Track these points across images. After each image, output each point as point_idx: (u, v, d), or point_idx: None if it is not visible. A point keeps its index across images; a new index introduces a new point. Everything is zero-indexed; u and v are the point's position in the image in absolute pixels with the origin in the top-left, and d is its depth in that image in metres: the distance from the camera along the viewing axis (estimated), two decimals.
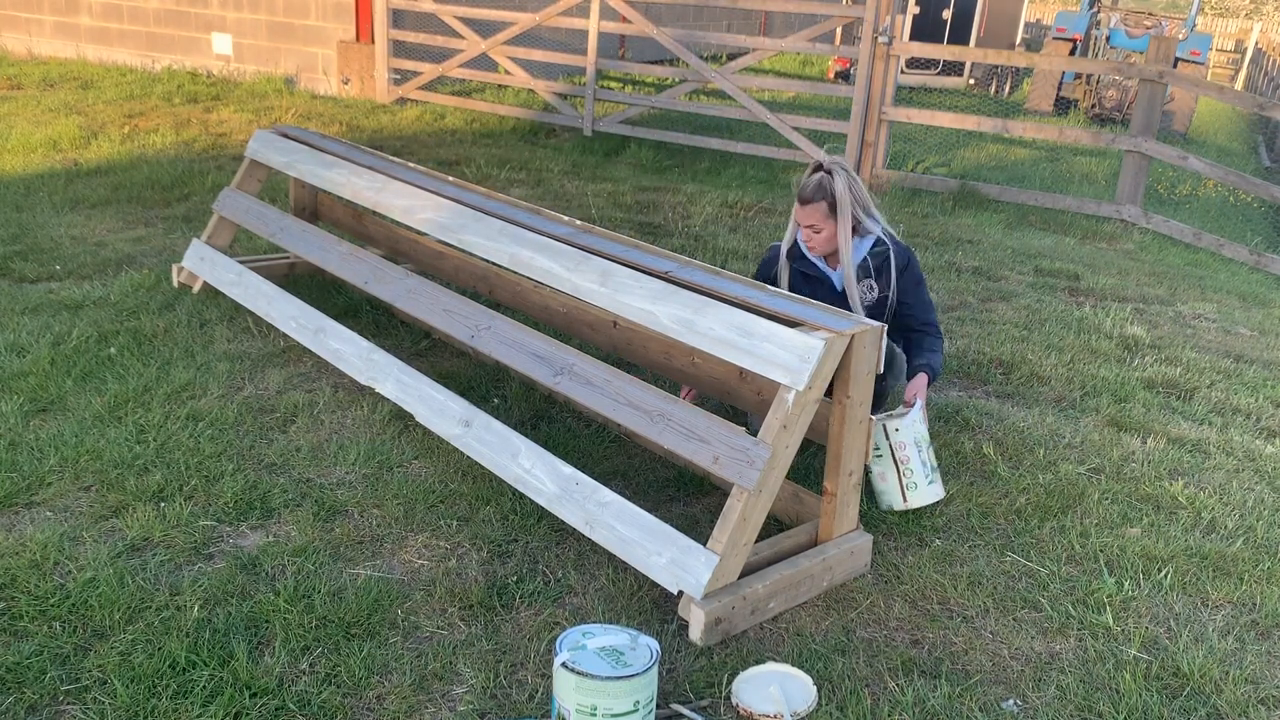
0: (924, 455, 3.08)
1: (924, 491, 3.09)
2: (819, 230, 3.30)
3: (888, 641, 2.59)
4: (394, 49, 9.92)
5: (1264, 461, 3.68)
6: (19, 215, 5.77)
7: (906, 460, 3.06)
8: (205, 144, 7.87)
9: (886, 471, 3.09)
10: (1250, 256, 7.12)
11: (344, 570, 2.72)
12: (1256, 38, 24.98)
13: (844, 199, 3.24)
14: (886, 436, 3.07)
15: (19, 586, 2.54)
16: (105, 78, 10.44)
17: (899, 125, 10.30)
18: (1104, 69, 8.07)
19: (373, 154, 4.46)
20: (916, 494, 3.08)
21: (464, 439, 3.14)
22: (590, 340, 3.66)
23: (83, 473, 3.09)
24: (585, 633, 2.21)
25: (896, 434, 3.07)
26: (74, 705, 2.19)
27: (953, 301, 5.33)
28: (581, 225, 3.44)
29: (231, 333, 4.22)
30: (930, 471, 3.10)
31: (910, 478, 3.07)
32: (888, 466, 3.09)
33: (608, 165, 8.30)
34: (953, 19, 15.46)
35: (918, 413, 3.13)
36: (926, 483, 3.09)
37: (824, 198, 3.25)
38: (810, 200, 3.27)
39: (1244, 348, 4.98)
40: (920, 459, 3.07)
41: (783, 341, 2.56)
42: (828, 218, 3.27)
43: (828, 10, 7.97)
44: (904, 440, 3.07)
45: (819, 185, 3.26)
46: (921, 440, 3.09)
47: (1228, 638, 2.67)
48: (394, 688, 2.30)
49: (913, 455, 3.07)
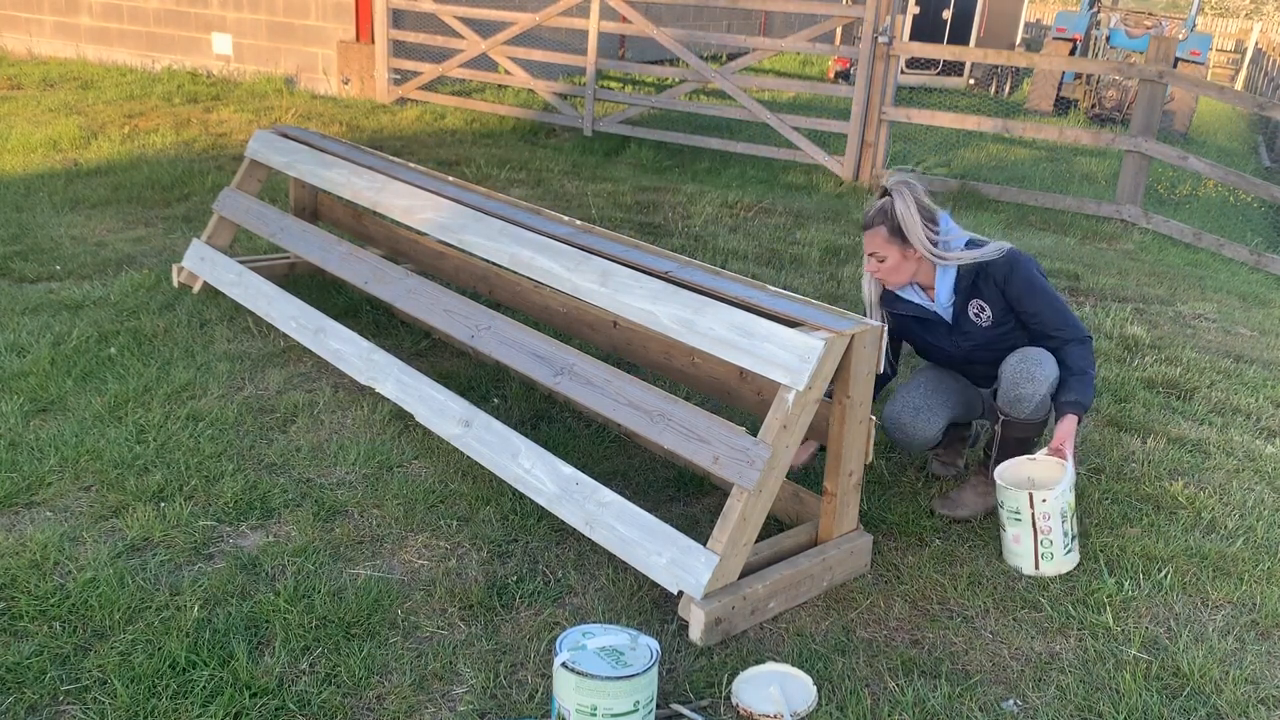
0: (1067, 525, 2.83)
1: (1060, 561, 2.85)
2: (882, 258, 3.00)
3: (888, 641, 2.59)
4: (394, 49, 9.92)
5: (1264, 461, 3.68)
6: (19, 215, 5.77)
7: (1048, 531, 2.82)
8: (205, 144, 7.87)
9: (1023, 535, 2.85)
10: (1250, 256, 7.12)
11: (344, 570, 2.72)
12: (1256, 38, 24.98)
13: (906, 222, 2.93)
14: (1031, 505, 2.82)
15: (19, 586, 2.54)
16: (105, 78, 10.44)
17: (899, 125, 10.31)
18: (1104, 69, 8.07)
19: (373, 154, 4.46)
20: (1051, 564, 2.85)
21: (464, 439, 3.14)
22: (590, 340, 3.66)
23: (83, 473, 3.09)
24: (585, 633, 2.21)
25: (1043, 504, 2.80)
26: (74, 705, 2.19)
27: None
28: (581, 225, 3.44)
29: (231, 333, 4.22)
30: (1069, 541, 2.84)
31: (1048, 548, 2.83)
32: (1025, 531, 2.84)
33: (608, 165, 8.30)
34: (953, 19, 15.46)
35: (1069, 480, 2.83)
36: (1064, 552, 2.85)
37: (884, 221, 2.96)
38: (870, 226, 2.98)
39: (1244, 348, 4.98)
40: (1063, 529, 2.82)
41: (783, 341, 2.56)
42: (889, 243, 2.97)
43: (828, 10, 7.97)
44: (1050, 511, 2.81)
45: (880, 209, 2.98)
46: (1069, 509, 2.83)
47: (1228, 638, 2.67)
48: (394, 688, 2.30)
49: (1055, 526, 2.81)
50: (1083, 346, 2.99)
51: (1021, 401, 2.97)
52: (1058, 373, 2.97)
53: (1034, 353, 2.99)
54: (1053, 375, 2.96)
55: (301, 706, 2.22)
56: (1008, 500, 2.86)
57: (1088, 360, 2.97)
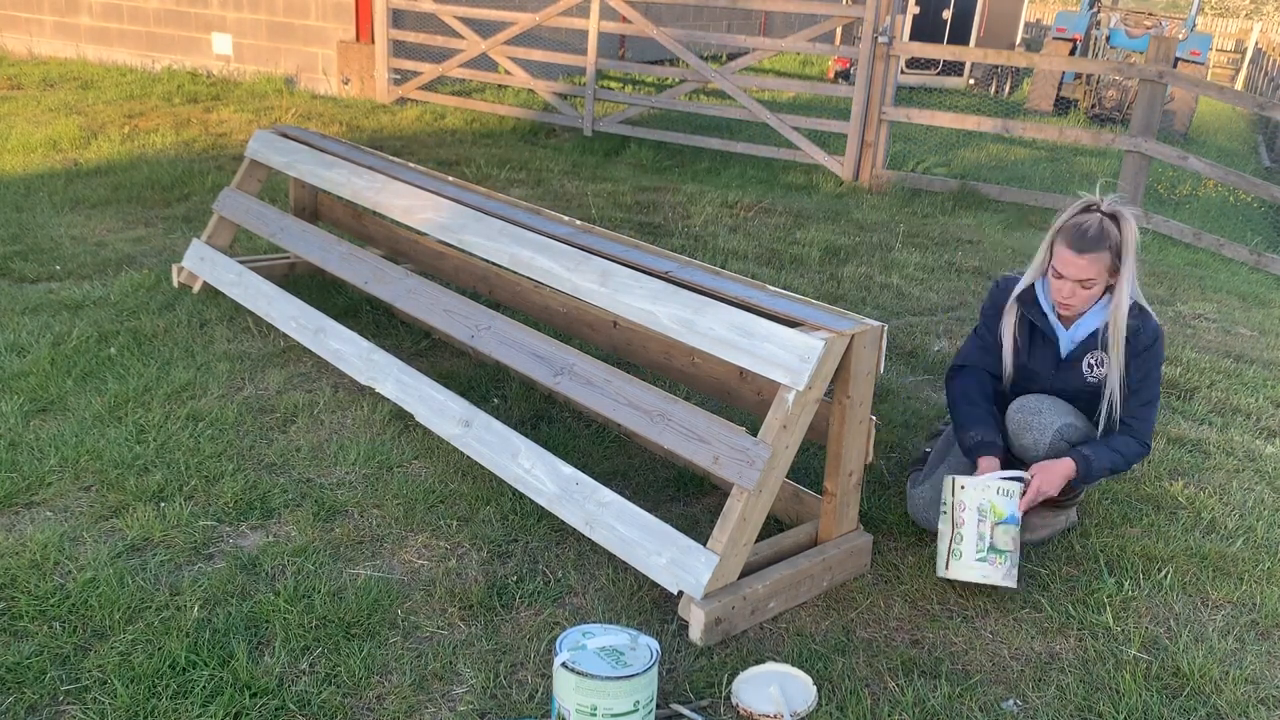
0: (983, 528, 2.69)
1: (968, 566, 2.69)
2: (1090, 285, 2.72)
3: (888, 641, 2.59)
4: (394, 49, 9.92)
5: (1264, 461, 3.68)
6: (19, 215, 5.77)
7: (961, 524, 2.71)
8: (205, 144, 7.87)
9: (944, 531, 2.77)
10: (1250, 256, 7.12)
11: (344, 570, 2.72)
12: (1256, 38, 24.98)
13: (1132, 252, 2.67)
14: (952, 492, 2.75)
15: (19, 586, 2.54)
16: (105, 78, 10.44)
17: (899, 125, 10.31)
18: (1104, 69, 8.07)
19: (373, 154, 4.46)
20: (959, 564, 2.71)
21: (464, 439, 3.14)
22: (590, 340, 3.66)
23: (83, 473, 3.09)
24: (585, 633, 2.21)
25: (961, 492, 2.73)
26: (74, 705, 2.19)
27: (953, 301, 5.33)
28: (581, 225, 3.44)
29: (231, 333, 4.22)
30: (986, 550, 2.69)
31: (958, 544, 2.71)
32: (946, 526, 2.76)
33: (608, 165, 8.30)
34: (953, 19, 15.46)
35: (993, 480, 2.71)
36: (975, 557, 2.68)
37: (1109, 247, 2.67)
38: (1090, 249, 2.67)
39: (1244, 348, 4.98)
40: (978, 530, 2.69)
41: (783, 341, 2.56)
42: (1109, 271, 2.70)
43: (828, 10, 7.97)
44: (965, 502, 2.71)
45: (1102, 230, 2.67)
46: (987, 511, 2.69)
47: (1228, 638, 2.67)
48: (394, 688, 2.30)
49: (970, 522, 2.70)
50: (1137, 445, 2.85)
51: (1027, 451, 2.89)
52: (1063, 421, 2.83)
53: (1032, 401, 2.88)
54: (1056, 423, 2.82)
55: (301, 706, 2.22)
56: (943, 493, 2.79)
57: (1129, 454, 2.83)
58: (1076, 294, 2.76)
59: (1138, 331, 2.78)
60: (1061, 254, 2.74)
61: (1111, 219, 2.71)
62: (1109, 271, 2.73)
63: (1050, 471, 2.76)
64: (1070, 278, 2.73)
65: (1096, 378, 2.85)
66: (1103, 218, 2.71)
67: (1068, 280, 2.75)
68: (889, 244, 6.39)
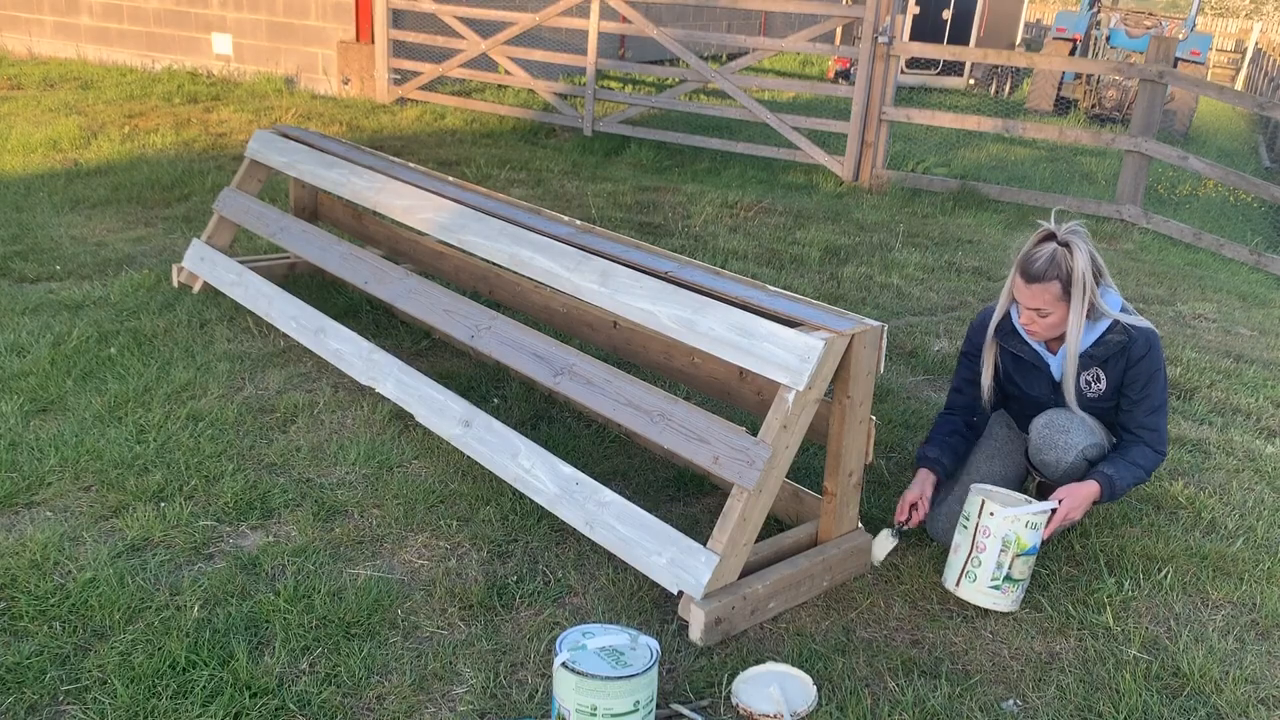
0: (1003, 558, 2.66)
1: (981, 592, 2.69)
2: (1045, 314, 2.77)
3: (888, 641, 2.59)
4: (394, 49, 9.92)
5: (1264, 461, 3.68)
6: (19, 215, 5.77)
7: (983, 549, 2.68)
8: (205, 144, 7.87)
9: (961, 546, 2.73)
10: (1250, 256, 7.12)
11: (344, 570, 2.72)
12: (1256, 38, 24.98)
13: (1082, 281, 2.70)
14: (979, 511, 2.69)
15: (19, 586, 2.54)
16: (105, 78, 10.45)
17: (899, 125, 10.31)
18: (1104, 69, 8.06)
19: (373, 154, 4.46)
20: (972, 587, 2.70)
21: (464, 439, 3.14)
22: (590, 340, 3.66)
23: (83, 473, 3.09)
24: (585, 633, 2.21)
25: (990, 517, 2.67)
26: (74, 705, 2.19)
27: (953, 301, 5.33)
28: (581, 225, 3.44)
29: (231, 333, 4.22)
30: (1002, 579, 2.67)
31: (974, 568, 2.69)
32: (965, 542, 2.72)
33: (608, 165, 8.30)
34: (953, 19, 15.47)
35: (1024, 513, 2.66)
36: (989, 584, 2.68)
37: (1057, 276, 2.71)
38: (1039, 278, 2.72)
39: (1244, 348, 4.98)
40: (997, 560, 2.66)
41: (783, 341, 2.56)
42: (1059, 300, 2.74)
43: (828, 10, 7.97)
44: (991, 529, 2.67)
45: (1051, 260, 2.71)
46: (1011, 542, 2.65)
47: (1228, 638, 2.67)
48: (394, 688, 2.30)
49: (991, 550, 2.67)
50: (1153, 454, 2.86)
51: (1047, 467, 2.90)
52: (1088, 442, 2.84)
53: (1062, 419, 2.87)
54: (1081, 444, 2.83)
55: (301, 706, 2.22)
56: (967, 505, 2.77)
57: (1148, 465, 2.85)
58: (1035, 321, 2.81)
59: (1125, 346, 2.81)
60: (1015, 283, 2.80)
61: (1064, 246, 2.73)
62: (1060, 300, 2.75)
63: (1076, 497, 2.77)
64: (1026, 305, 2.80)
65: (1096, 393, 2.87)
66: (1056, 248, 2.73)
67: (1024, 309, 2.81)
68: (889, 244, 6.39)
